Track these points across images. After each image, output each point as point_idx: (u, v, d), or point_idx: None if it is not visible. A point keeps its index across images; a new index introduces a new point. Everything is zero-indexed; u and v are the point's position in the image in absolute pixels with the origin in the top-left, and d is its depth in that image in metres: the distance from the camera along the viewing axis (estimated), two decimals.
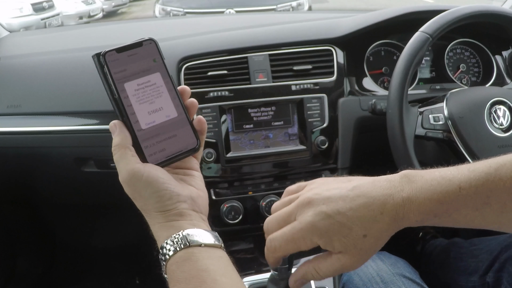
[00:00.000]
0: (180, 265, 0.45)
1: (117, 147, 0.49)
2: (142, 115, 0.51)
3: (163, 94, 0.52)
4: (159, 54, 0.53)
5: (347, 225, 0.50)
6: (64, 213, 1.54)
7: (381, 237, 0.50)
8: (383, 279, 0.77)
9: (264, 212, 0.99)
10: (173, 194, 0.48)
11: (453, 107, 0.87)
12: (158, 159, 0.51)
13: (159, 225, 0.48)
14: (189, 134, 0.53)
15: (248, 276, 0.98)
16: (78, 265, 1.63)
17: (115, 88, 0.49)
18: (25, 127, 1.05)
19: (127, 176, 0.48)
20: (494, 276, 0.85)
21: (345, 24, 1.08)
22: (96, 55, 0.50)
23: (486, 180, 0.49)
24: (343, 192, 0.51)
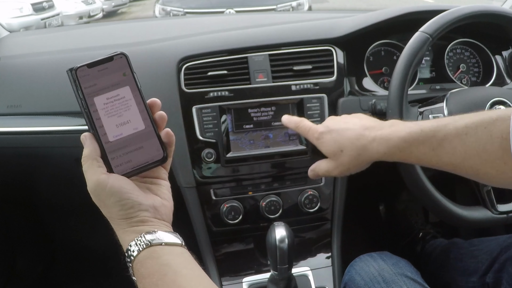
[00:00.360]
0: (144, 263, 0.48)
1: (85, 158, 0.52)
2: (110, 128, 0.53)
3: (131, 108, 0.54)
4: (130, 68, 0.54)
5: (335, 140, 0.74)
6: (63, 213, 1.54)
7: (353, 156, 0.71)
8: (384, 279, 0.78)
9: (264, 212, 0.99)
10: (135, 203, 0.51)
11: (453, 107, 0.87)
12: (124, 170, 0.53)
13: (123, 231, 0.51)
14: (156, 146, 0.55)
15: (248, 276, 0.98)
16: (77, 265, 1.63)
17: (85, 102, 0.52)
18: (25, 127, 1.05)
19: (92, 186, 0.52)
20: (493, 276, 0.85)
21: (345, 24, 1.08)
22: (69, 70, 0.52)
23: (444, 126, 0.61)
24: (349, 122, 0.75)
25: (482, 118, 0.59)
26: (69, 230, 1.63)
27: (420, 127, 0.65)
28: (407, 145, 0.65)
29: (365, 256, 0.87)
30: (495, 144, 0.56)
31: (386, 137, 0.67)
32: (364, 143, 0.70)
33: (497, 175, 0.58)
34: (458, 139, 0.60)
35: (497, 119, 0.57)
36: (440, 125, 0.62)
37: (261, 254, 1.03)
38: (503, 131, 0.55)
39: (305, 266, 1.00)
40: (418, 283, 0.78)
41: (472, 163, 0.59)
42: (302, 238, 1.06)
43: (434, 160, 0.63)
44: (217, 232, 1.01)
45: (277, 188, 1.02)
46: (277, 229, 0.82)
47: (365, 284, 0.79)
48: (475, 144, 0.58)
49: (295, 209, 1.02)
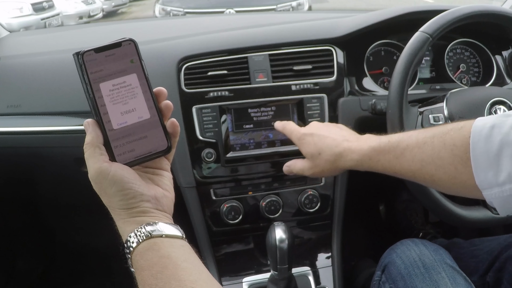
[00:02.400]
0: (143, 254, 0.48)
1: (87, 145, 0.52)
2: (114, 115, 0.52)
3: (138, 96, 0.53)
4: (138, 55, 0.53)
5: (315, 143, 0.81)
6: (64, 213, 1.54)
7: (328, 160, 0.79)
8: (425, 264, 0.79)
9: (264, 212, 0.99)
10: (137, 194, 0.50)
11: (453, 107, 0.87)
12: (127, 159, 0.52)
13: (123, 221, 0.51)
14: (160, 136, 0.54)
15: (248, 276, 0.98)
16: (78, 265, 1.63)
17: (91, 87, 0.51)
18: (25, 127, 1.05)
19: (94, 173, 0.51)
20: (494, 275, 0.85)
21: (345, 24, 1.08)
22: (75, 53, 0.51)
23: (408, 137, 0.69)
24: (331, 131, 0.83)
25: (440, 129, 0.65)
26: (69, 230, 1.63)
27: (388, 138, 0.72)
28: (375, 153, 0.72)
29: (406, 241, 0.88)
30: (448, 151, 0.62)
31: (360, 147, 0.75)
32: (340, 150, 0.77)
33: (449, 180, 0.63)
34: (417, 148, 0.66)
35: (451, 129, 0.63)
36: (405, 136, 0.70)
37: (261, 254, 1.03)
38: (455, 139, 0.61)
39: (305, 266, 1.00)
40: (457, 271, 0.79)
41: (428, 170, 0.65)
42: (302, 238, 1.06)
43: (397, 167, 0.69)
44: (217, 232, 1.01)
45: (277, 188, 1.02)
46: (277, 229, 0.82)
47: (405, 268, 0.80)
48: (431, 152, 0.64)
49: (295, 209, 1.02)
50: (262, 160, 0.99)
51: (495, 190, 0.58)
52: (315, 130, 0.83)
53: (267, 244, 0.83)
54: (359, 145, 0.75)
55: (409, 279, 0.78)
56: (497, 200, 0.58)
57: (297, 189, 1.02)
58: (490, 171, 0.57)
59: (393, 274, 0.81)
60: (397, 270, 0.81)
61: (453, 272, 0.78)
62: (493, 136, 0.57)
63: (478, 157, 0.58)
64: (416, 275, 0.78)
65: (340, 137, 0.79)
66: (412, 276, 0.78)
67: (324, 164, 0.79)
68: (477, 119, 0.61)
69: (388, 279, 0.82)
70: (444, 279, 0.75)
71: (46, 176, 1.29)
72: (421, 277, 0.77)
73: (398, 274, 0.80)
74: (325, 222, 1.05)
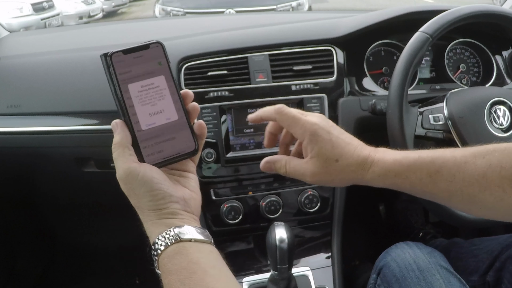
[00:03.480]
0: (172, 258, 0.47)
1: (116, 145, 0.51)
2: (143, 116, 0.52)
3: (166, 97, 0.53)
4: (165, 58, 0.54)
5: (335, 145, 0.62)
6: (64, 213, 1.54)
7: (345, 171, 0.62)
8: (419, 267, 0.79)
9: (264, 212, 0.99)
10: (166, 194, 0.50)
11: (453, 107, 0.87)
12: (155, 160, 0.52)
13: (152, 222, 0.50)
14: (188, 137, 0.54)
15: (248, 276, 0.98)
16: (78, 265, 1.63)
17: (119, 88, 0.51)
18: (25, 127, 1.05)
19: (123, 174, 0.50)
20: (494, 275, 0.85)
21: (345, 24, 1.08)
22: (103, 55, 0.51)
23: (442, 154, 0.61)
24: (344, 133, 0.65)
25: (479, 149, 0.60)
26: (69, 230, 1.63)
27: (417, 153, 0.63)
28: (403, 169, 0.61)
29: (401, 244, 0.87)
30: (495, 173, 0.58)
31: (383, 158, 0.63)
32: (363, 160, 0.63)
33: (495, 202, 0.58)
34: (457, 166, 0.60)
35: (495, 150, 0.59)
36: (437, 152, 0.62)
37: (261, 254, 1.03)
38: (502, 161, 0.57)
39: (305, 266, 1.00)
40: (451, 273, 0.79)
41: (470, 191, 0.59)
42: (302, 238, 1.06)
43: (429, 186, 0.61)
44: (217, 232, 1.01)
45: (277, 188, 1.02)
46: (277, 229, 0.82)
47: (400, 271, 0.80)
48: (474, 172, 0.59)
49: (295, 209, 1.02)
50: None
51: None
52: (329, 126, 0.64)
53: (267, 244, 0.83)
54: (382, 157, 0.62)
55: (404, 282, 0.78)
56: None
57: (297, 189, 1.02)
58: None
59: (388, 277, 0.81)
60: (392, 273, 0.81)
61: (448, 274, 0.78)
62: None
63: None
64: (411, 278, 0.78)
65: (359, 144, 0.65)
66: (407, 279, 0.78)
67: (339, 173, 0.63)
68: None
69: (383, 282, 0.82)
70: (438, 281, 0.76)
71: (46, 176, 1.29)
72: (416, 280, 0.77)
73: (393, 277, 0.80)
74: (325, 222, 1.05)
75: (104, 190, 1.21)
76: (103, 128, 1.00)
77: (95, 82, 1.02)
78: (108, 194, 1.23)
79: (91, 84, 1.02)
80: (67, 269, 1.65)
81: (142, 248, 1.12)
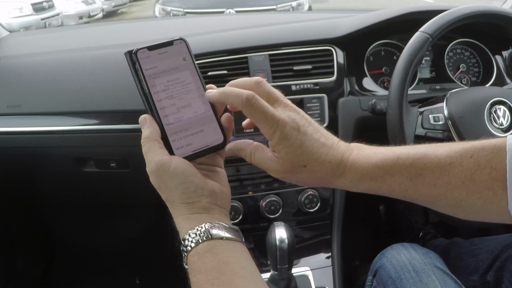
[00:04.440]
0: (202, 256, 0.46)
1: (146, 139, 0.51)
2: (170, 110, 0.53)
3: (192, 91, 0.54)
4: (189, 53, 0.55)
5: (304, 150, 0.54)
6: (64, 213, 1.54)
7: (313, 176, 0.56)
8: (415, 268, 0.79)
9: (264, 212, 0.99)
10: (198, 187, 0.50)
11: (453, 107, 0.87)
12: (185, 153, 0.53)
13: (183, 217, 0.49)
14: (216, 130, 0.55)
15: None
16: (78, 265, 1.63)
17: (146, 83, 0.52)
18: (25, 127, 1.05)
19: (154, 167, 0.50)
20: (494, 275, 0.85)
21: (345, 24, 1.08)
22: (128, 52, 0.52)
23: (424, 155, 0.54)
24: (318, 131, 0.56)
25: (465, 147, 0.54)
26: (70, 229, 1.63)
27: (394, 153, 0.56)
28: (380, 172, 0.55)
29: (396, 245, 0.87)
30: (484, 174, 0.52)
31: (356, 162, 0.56)
32: (334, 167, 0.56)
33: (483, 205, 0.53)
34: (441, 168, 0.54)
35: (483, 148, 0.53)
36: (418, 153, 0.55)
37: (261, 254, 1.03)
38: (491, 161, 0.52)
39: (305, 266, 1.00)
40: (447, 274, 0.79)
41: (456, 194, 0.54)
42: (302, 238, 1.06)
43: (410, 191, 0.56)
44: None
45: (277, 188, 1.02)
46: (277, 229, 0.82)
47: (395, 272, 0.80)
48: (461, 174, 0.53)
49: (295, 209, 1.02)
50: None
51: None
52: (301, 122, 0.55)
53: (267, 244, 0.83)
54: (356, 160, 0.56)
55: (400, 283, 0.78)
56: None
57: (297, 189, 1.02)
58: None
59: (384, 278, 0.81)
60: (387, 274, 0.81)
61: (443, 275, 0.78)
62: None
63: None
64: (407, 279, 0.77)
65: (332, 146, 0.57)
66: (403, 280, 0.78)
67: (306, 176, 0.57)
68: (509, 137, 0.53)
69: (379, 283, 0.82)
70: (434, 282, 0.75)
71: (46, 176, 1.29)
72: (412, 281, 0.77)
73: (388, 278, 0.80)
74: (325, 222, 1.05)
75: (104, 190, 1.21)
76: (103, 128, 1.00)
77: (95, 82, 1.02)
78: (107, 194, 1.23)
79: (91, 84, 1.02)
80: (67, 269, 1.65)
81: (141, 247, 1.13)
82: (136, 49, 0.52)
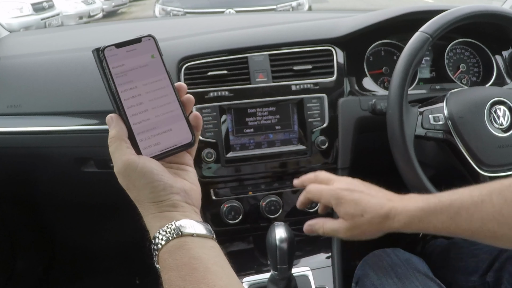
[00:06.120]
0: (172, 253, 0.46)
1: (113, 139, 0.50)
2: (138, 109, 0.52)
3: (160, 90, 0.53)
4: (158, 51, 0.54)
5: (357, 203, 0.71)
6: (64, 213, 1.54)
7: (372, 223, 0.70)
8: (397, 274, 0.79)
9: (264, 212, 0.99)
10: (167, 186, 0.49)
11: (453, 107, 0.87)
12: (153, 152, 0.52)
13: (152, 216, 0.49)
14: (185, 129, 0.54)
15: (248, 276, 0.98)
16: (78, 264, 1.63)
17: (113, 82, 0.51)
18: (25, 127, 1.05)
19: (122, 167, 0.49)
20: (494, 275, 0.85)
21: (345, 24, 1.08)
22: (95, 49, 0.51)
23: (460, 195, 0.65)
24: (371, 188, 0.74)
25: (495, 185, 0.63)
26: (69, 229, 1.63)
27: (437, 197, 0.67)
28: (425, 214, 0.67)
29: (378, 252, 0.87)
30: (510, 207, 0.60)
31: (406, 207, 0.68)
32: (386, 211, 0.69)
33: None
34: (474, 206, 0.63)
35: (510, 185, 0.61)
36: (455, 194, 0.66)
37: (261, 254, 1.03)
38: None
39: (305, 266, 1.00)
40: (430, 278, 0.79)
41: (490, 227, 0.62)
42: (302, 238, 1.06)
43: (452, 227, 0.65)
44: (217, 232, 1.00)
45: (277, 188, 1.02)
46: (277, 229, 0.82)
47: (378, 279, 0.80)
48: (491, 209, 0.61)
49: (295, 209, 1.02)
50: (262, 160, 0.99)
51: None
52: (353, 186, 0.74)
53: (267, 244, 0.83)
54: (405, 206, 0.68)
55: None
56: None
57: (297, 189, 1.01)
58: None
59: (367, 285, 0.81)
60: (370, 281, 0.81)
61: (426, 280, 0.78)
62: None
63: None
64: (389, 285, 0.77)
65: (384, 197, 0.71)
66: (385, 286, 0.78)
67: (367, 226, 0.70)
68: None
69: None
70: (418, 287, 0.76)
71: (46, 176, 1.29)
72: (394, 287, 0.77)
73: (371, 285, 0.80)
74: None
75: (104, 190, 1.21)
76: (103, 128, 1.00)
77: (95, 82, 1.02)
78: (107, 194, 1.23)
79: (91, 84, 1.02)
80: (67, 269, 1.65)
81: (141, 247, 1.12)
82: (103, 47, 0.50)
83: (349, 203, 0.71)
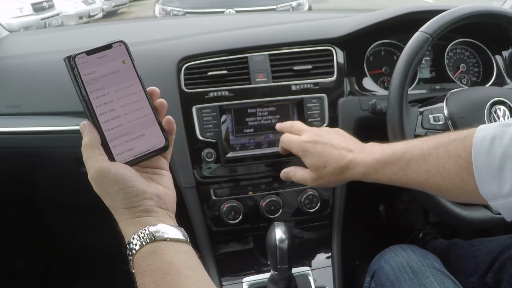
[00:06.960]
0: (146, 258, 0.47)
1: (85, 146, 0.51)
2: (110, 115, 0.52)
3: (132, 95, 0.54)
4: (129, 56, 0.54)
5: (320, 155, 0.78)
6: (64, 213, 1.54)
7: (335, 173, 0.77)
8: (413, 269, 0.79)
9: (264, 212, 0.99)
10: (140, 191, 0.50)
11: (453, 107, 0.87)
12: (126, 158, 0.52)
13: (126, 221, 0.50)
14: (158, 133, 0.54)
15: (248, 276, 0.98)
16: (77, 265, 1.63)
17: (85, 89, 0.51)
18: (25, 127, 1.05)
19: (94, 174, 0.50)
20: (493, 276, 0.85)
21: (345, 24, 1.08)
22: (67, 57, 0.52)
23: (412, 148, 0.68)
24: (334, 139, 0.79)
25: (443, 139, 0.65)
26: (70, 229, 1.63)
27: (392, 149, 0.71)
28: (380, 166, 0.71)
29: (395, 247, 0.88)
30: (453, 162, 0.62)
31: (364, 159, 0.73)
32: (346, 163, 0.75)
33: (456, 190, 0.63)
34: (422, 159, 0.66)
35: (455, 140, 0.62)
36: (408, 147, 0.69)
37: (261, 254, 1.03)
38: (459, 150, 0.61)
39: (305, 266, 1.00)
40: (445, 274, 0.79)
41: (434, 180, 0.64)
42: (302, 238, 1.06)
43: (403, 179, 0.69)
44: (217, 232, 1.01)
45: (277, 188, 1.02)
46: (277, 229, 0.82)
47: (394, 273, 0.80)
48: (436, 163, 0.64)
49: (295, 209, 1.02)
50: (262, 160, 0.99)
51: (500, 201, 0.58)
52: (317, 137, 0.80)
53: (267, 244, 0.83)
54: (364, 157, 0.74)
55: (398, 284, 0.78)
56: (503, 209, 0.59)
57: (297, 189, 1.02)
58: (494, 184, 0.58)
59: (382, 279, 0.82)
60: (385, 275, 0.81)
61: (442, 276, 0.78)
62: (494, 148, 0.57)
63: (481, 170, 0.58)
64: (405, 280, 0.78)
65: (345, 148, 0.77)
66: (401, 281, 0.78)
67: (330, 176, 0.78)
68: (478, 128, 0.61)
69: (378, 285, 0.83)
70: (432, 283, 0.76)
71: (46, 176, 1.29)
72: (410, 282, 0.77)
73: (387, 279, 0.81)
74: (325, 222, 1.05)
75: None
76: None
77: None
78: None
79: None
80: (67, 269, 1.65)
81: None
82: (74, 54, 0.51)
83: (313, 155, 0.78)
